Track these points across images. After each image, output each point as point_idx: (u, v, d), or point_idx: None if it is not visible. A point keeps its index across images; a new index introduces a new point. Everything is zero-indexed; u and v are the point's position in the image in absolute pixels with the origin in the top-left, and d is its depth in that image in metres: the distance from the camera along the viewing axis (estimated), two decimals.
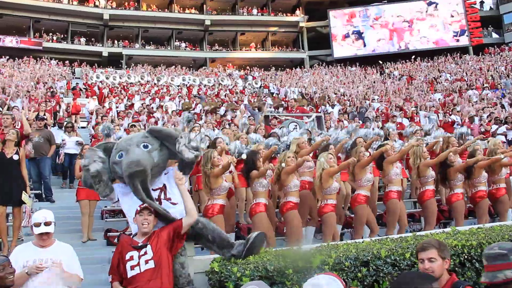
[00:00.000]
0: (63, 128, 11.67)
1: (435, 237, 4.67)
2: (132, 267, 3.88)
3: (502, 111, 17.10)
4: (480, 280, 2.89)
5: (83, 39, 38.33)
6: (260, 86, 29.17)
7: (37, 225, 3.95)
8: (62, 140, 10.95)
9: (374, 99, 22.14)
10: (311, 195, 7.04)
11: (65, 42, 37.72)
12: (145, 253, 3.91)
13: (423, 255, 3.12)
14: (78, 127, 15.10)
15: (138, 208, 3.99)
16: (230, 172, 6.83)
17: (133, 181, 4.11)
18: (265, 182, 6.27)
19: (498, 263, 2.55)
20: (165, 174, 4.46)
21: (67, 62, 31.97)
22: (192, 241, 4.48)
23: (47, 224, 3.95)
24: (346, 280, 2.31)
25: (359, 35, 40.49)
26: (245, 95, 24.55)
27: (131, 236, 4.11)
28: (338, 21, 40.93)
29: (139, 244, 3.95)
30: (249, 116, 13.78)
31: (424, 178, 7.23)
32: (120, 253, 3.99)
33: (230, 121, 13.63)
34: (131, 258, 3.91)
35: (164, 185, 4.40)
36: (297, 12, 42.57)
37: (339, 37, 40.68)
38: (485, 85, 24.62)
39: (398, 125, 13.43)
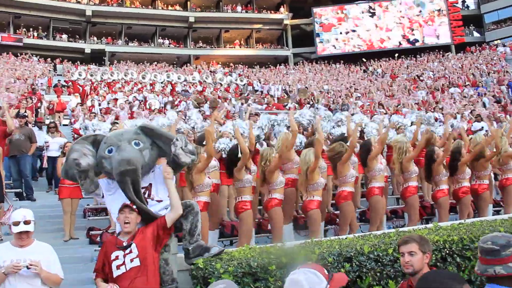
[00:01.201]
0: (43, 128, 11.24)
1: (418, 233, 4.71)
2: (117, 267, 3.84)
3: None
4: (474, 269, 2.91)
5: (65, 36, 37.85)
6: (244, 84, 29.14)
7: (16, 223, 3.85)
8: (45, 142, 10.36)
9: (358, 96, 22.28)
10: (294, 192, 7.05)
11: (46, 39, 37.21)
12: (130, 251, 3.86)
13: (404, 248, 3.18)
14: (61, 125, 14.89)
15: (120, 207, 3.93)
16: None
17: (124, 180, 4.02)
18: (250, 178, 6.24)
19: (490, 257, 2.58)
20: (152, 172, 4.37)
21: (48, 59, 31.52)
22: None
23: (26, 223, 3.86)
24: (329, 269, 2.29)
25: (343, 33, 40.68)
26: (229, 93, 24.51)
27: (116, 235, 4.06)
28: (322, 19, 41.07)
29: (124, 244, 3.90)
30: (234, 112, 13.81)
31: (407, 173, 7.24)
32: (105, 254, 3.94)
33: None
34: (116, 257, 3.86)
35: (150, 184, 4.34)
36: (282, 9, 42.63)
37: (323, 34, 40.83)
38: (467, 83, 24.97)
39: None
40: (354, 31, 40.62)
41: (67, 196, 7.69)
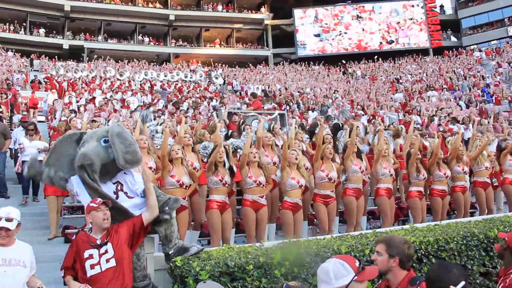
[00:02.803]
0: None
1: (394, 234, 4.76)
2: (92, 266, 3.75)
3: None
4: None
5: (42, 30, 37.15)
6: (224, 83, 29.07)
7: None
8: (19, 144, 9.29)
9: (336, 97, 22.42)
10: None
11: (23, 33, 36.47)
12: (106, 251, 3.79)
13: (376, 247, 3.30)
14: (38, 122, 14.60)
15: (95, 205, 3.85)
16: (195, 168, 6.76)
17: (80, 173, 4.07)
18: (215, 180, 6.21)
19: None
20: (125, 173, 4.33)
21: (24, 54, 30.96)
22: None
23: (8, 220, 3.76)
24: (360, 259, 2.36)
25: (323, 34, 40.94)
26: (209, 92, 24.45)
27: (87, 232, 3.98)
28: (302, 19, 41.27)
29: (98, 242, 3.82)
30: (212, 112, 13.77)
31: (377, 174, 7.37)
32: (77, 251, 3.84)
33: (193, 117, 13.54)
34: (91, 256, 3.77)
35: (122, 181, 4.29)
36: (262, 9, 42.71)
37: (303, 35, 41.03)
38: (444, 86, 25.38)
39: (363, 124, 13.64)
40: (333, 33, 40.91)
41: (51, 194, 7.56)
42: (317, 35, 40.94)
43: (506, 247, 3.47)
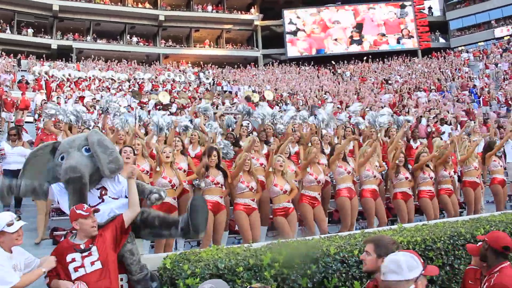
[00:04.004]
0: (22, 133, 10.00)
1: (383, 234, 4.80)
2: (75, 269, 3.72)
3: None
4: None
5: (30, 30, 36.74)
6: (214, 83, 29.05)
7: (10, 224, 3.65)
8: (0, 151, 8.67)
9: (326, 98, 22.53)
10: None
11: (10, 32, 36.07)
12: (90, 254, 3.77)
13: (365, 247, 3.36)
14: (25, 122, 14.48)
15: (84, 212, 3.82)
16: (181, 169, 6.81)
17: (70, 188, 4.00)
18: (207, 181, 6.30)
19: None
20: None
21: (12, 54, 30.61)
22: (141, 234, 4.37)
23: (18, 219, 3.73)
24: (423, 259, 2.55)
25: (313, 35, 41.05)
26: (198, 93, 24.42)
27: (70, 239, 3.93)
28: (292, 20, 41.34)
29: (82, 247, 3.79)
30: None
31: (361, 177, 7.48)
32: (60, 256, 3.79)
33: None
34: (73, 260, 3.74)
35: (106, 186, 4.28)
36: (252, 10, 42.70)
37: (292, 36, 41.11)
38: (432, 87, 25.58)
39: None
40: (323, 33, 41.04)
41: None
42: (307, 36, 41.00)
43: (487, 247, 3.56)
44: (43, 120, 12.25)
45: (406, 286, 2.56)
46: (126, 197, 4.23)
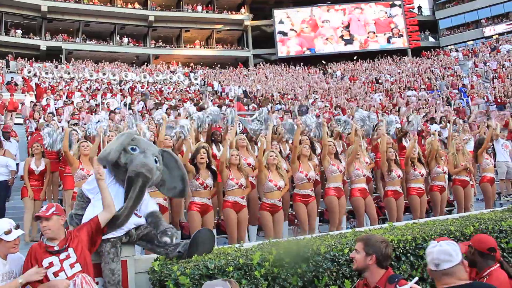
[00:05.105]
0: (11, 140, 10.10)
1: (374, 233, 4.81)
2: (55, 274, 3.62)
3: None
4: (426, 268, 3.15)
5: (19, 31, 36.42)
6: (204, 84, 28.99)
7: (8, 232, 3.60)
8: None
9: (316, 98, 22.55)
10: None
11: None
12: (67, 256, 3.70)
13: (355, 245, 3.43)
14: (14, 124, 14.35)
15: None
16: None
17: (135, 179, 4.14)
18: (196, 183, 6.24)
19: None
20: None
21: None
22: (137, 243, 4.38)
23: (16, 227, 3.66)
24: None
25: (303, 34, 41.10)
26: (189, 93, 24.38)
27: (42, 241, 3.86)
28: (282, 20, 41.37)
29: (56, 248, 3.71)
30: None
31: (351, 176, 7.49)
32: (35, 261, 3.66)
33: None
34: (51, 264, 3.64)
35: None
36: (242, 10, 42.68)
37: (283, 36, 41.14)
38: (422, 86, 25.70)
39: None
40: (313, 33, 41.11)
41: (27, 196, 7.56)
42: (297, 35, 41.05)
43: (473, 251, 3.60)
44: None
45: (460, 268, 2.90)
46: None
